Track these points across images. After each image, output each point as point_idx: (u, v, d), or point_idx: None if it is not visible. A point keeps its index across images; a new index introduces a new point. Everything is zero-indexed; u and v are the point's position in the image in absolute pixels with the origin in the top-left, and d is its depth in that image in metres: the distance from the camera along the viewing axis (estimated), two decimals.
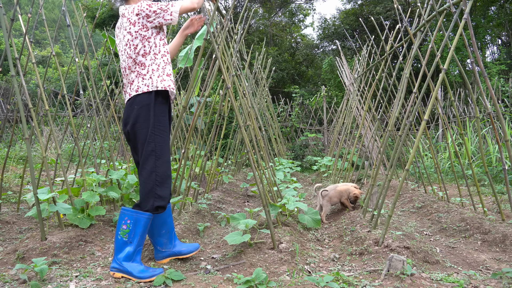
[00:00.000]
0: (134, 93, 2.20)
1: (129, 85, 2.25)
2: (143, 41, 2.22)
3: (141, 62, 2.22)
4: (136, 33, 2.22)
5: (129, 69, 2.24)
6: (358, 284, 2.02)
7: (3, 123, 3.98)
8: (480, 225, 3.02)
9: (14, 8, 3.10)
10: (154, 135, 2.17)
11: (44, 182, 5.58)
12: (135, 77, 2.22)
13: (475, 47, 2.66)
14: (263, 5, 18.38)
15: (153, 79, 2.20)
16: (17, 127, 10.76)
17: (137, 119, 2.17)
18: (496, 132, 3.04)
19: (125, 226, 2.14)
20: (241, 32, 4.53)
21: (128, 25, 2.23)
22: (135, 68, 2.22)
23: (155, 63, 2.23)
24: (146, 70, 2.21)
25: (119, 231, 2.15)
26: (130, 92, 2.22)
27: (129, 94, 2.23)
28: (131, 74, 2.24)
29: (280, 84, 16.44)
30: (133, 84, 2.22)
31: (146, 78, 2.20)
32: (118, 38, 2.34)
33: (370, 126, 6.82)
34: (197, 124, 6.66)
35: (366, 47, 6.62)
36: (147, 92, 2.19)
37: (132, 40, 2.22)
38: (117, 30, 2.35)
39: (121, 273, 2.12)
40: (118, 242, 2.15)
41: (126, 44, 2.24)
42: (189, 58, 5.62)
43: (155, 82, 2.20)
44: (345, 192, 3.83)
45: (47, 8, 43.54)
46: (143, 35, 2.22)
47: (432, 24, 9.53)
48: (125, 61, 2.27)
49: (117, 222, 2.18)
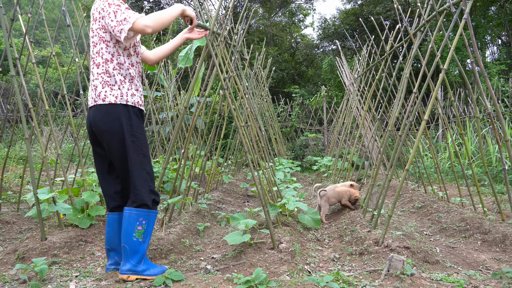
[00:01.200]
0: (100, 101, 2.04)
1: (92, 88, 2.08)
2: (100, 41, 2.04)
3: (105, 68, 2.04)
4: (96, 30, 2.05)
5: (92, 68, 2.09)
6: (358, 284, 2.02)
7: (3, 123, 3.98)
8: (480, 225, 3.02)
9: (14, 8, 3.10)
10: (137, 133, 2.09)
11: (44, 182, 5.58)
12: (98, 82, 2.04)
13: (475, 47, 2.66)
14: (263, 5, 18.38)
15: (123, 92, 2.05)
16: (17, 127, 10.76)
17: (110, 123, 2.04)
18: (496, 132, 3.04)
19: (140, 227, 2.05)
20: (241, 32, 4.53)
21: (93, 20, 2.05)
22: (94, 70, 2.07)
23: (120, 74, 2.06)
24: (113, 80, 2.04)
25: (133, 233, 2.03)
26: (95, 98, 2.06)
27: (94, 99, 2.07)
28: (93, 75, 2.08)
29: (280, 84, 16.45)
30: (97, 89, 2.05)
31: (115, 89, 2.04)
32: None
33: (370, 126, 6.82)
34: (197, 124, 6.66)
35: (366, 47, 6.62)
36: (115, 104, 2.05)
37: (93, 37, 2.07)
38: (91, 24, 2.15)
39: (136, 275, 2.06)
40: (133, 244, 2.04)
41: (92, 41, 2.09)
42: (189, 58, 5.62)
43: (124, 95, 2.05)
44: (345, 193, 3.83)
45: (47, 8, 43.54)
46: (101, 35, 2.03)
47: (432, 24, 9.53)
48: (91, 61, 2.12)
49: (126, 223, 2.05)
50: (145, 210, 2.07)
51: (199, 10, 3.35)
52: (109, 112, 2.03)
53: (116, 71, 2.05)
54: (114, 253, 2.21)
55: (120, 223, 2.16)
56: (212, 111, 8.50)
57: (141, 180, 2.08)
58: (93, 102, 2.07)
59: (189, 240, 2.86)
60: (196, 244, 2.90)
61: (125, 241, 2.05)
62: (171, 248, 2.59)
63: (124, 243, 2.06)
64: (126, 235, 2.04)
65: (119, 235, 2.15)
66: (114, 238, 2.18)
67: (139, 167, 2.08)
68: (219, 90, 5.08)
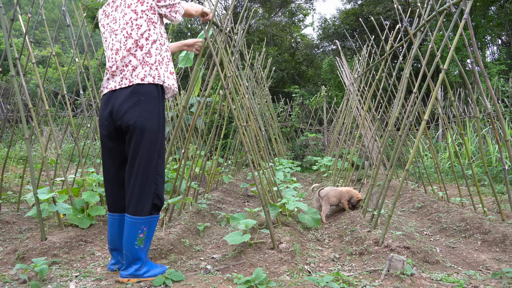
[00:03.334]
0: (139, 80, 1.97)
1: (126, 70, 1.99)
2: (148, 23, 2.02)
3: (147, 49, 2.00)
4: (143, 13, 2.01)
5: (128, 50, 1.99)
6: (358, 284, 2.02)
7: (3, 123, 3.99)
8: (480, 225, 3.02)
9: (14, 8, 3.10)
10: (159, 132, 2.02)
11: (44, 182, 5.58)
12: (138, 63, 1.98)
13: (475, 47, 2.66)
14: (263, 5, 18.37)
15: (160, 72, 2.03)
16: (17, 127, 10.76)
17: (146, 111, 1.96)
18: (496, 132, 3.04)
19: (142, 235, 2.02)
20: (241, 32, 4.53)
21: (135, 1, 2.03)
22: (137, 52, 1.99)
23: (160, 55, 2.05)
24: (153, 60, 2.01)
25: (135, 241, 2.00)
26: (131, 79, 1.97)
27: (129, 80, 1.98)
28: (129, 57, 1.99)
29: (280, 84, 16.45)
30: (136, 70, 1.98)
31: (153, 69, 2.00)
32: (110, 17, 2.11)
33: (370, 126, 6.82)
34: (197, 124, 6.66)
35: (366, 47, 6.62)
36: (154, 84, 2.01)
37: (136, 19, 2.01)
38: (109, 8, 2.13)
39: (137, 278, 2.05)
40: (135, 252, 2.02)
41: (127, 23, 2.01)
42: (189, 58, 5.62)
43: (162, 76, 2.03)
44: (347, 193, 3.83)
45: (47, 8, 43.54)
46: (150, 17, 2.03)
47: (432, 24, 9.53)
48: (120, 41, 2.02)
49: (128, 232, 2.01)
50: (147, 217, 2.03)
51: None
52: (146, 93, 1.97)
53: (158, 51, 2.04)
54: (117, 253, 2.19)
55: (122, 224, 2.12)
56: (212, 111, 8.50)
57: (149, 183, 2.01)
58: (128, 83, 1.97)
59: (189, 240, 2.86)
60: (196, 244, 2.90)
61: (127, 249, 2.03)
62: (171, 248, 2.59)
63: (126, 250, 2.03)
64: (128, 243, 2.01)
65: (121, 236, 2.12)
66: (116, 239, 2.15)
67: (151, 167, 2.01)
68: (219, 90, 5.08)
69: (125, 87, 2.00)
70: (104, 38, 2.14)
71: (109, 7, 2.13)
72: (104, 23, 2.15)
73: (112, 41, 2.07)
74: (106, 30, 2.11)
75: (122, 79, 2.01)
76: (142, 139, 1.97)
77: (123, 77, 2.01)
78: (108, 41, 2.10)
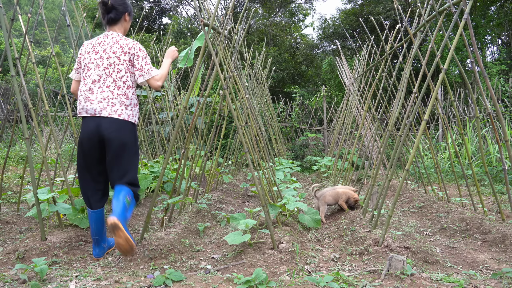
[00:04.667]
0: (116, 116, 2.44)
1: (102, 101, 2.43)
2: (127, 71, 2.49)
3: (124, 92, 2.48)
4: (125, 62, 2.49)
5: (107, 87, 2.45)
6: (358, 284, 2.02)
7: (3, 123, 3.99)
8: (480, 225, 3.02)
9: (14, 8, 3.10)
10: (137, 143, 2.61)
11: (44, 182, 5.58)
12: (117, 102, 2.45)
13: (475, 47, 2.66)
14: (263, 5, 18.37)
15: (134, 114, 2.55)
16: (17, 127, 10.76)
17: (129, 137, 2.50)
18: (496, 132, 3.04)
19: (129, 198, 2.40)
20: (241, 32, 4.53)
21: (119, 49, 2.48)
22: (116, 92, 2.45)
23: (134, 99, 2.55)
24: (129, 102, 2.50)
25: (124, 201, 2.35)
26: (110, 112, 2.44)
27: (109, 113, 2.44)
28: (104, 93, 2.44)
29: (280, 84, 16.45)
30: (115, 106, 2.44)
31: (129, 109, 2.50)
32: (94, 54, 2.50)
33: (370, 126, 6.82)
34: (197, 124, 6.66)
35: (366, 47, 6.62)
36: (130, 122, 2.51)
37: (118, 64, 2.47)
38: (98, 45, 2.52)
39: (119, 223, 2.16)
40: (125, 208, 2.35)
41: (110, 64, 2.47)
42: (189, 58, 5.62)
43: (135, 117, 2.56)
44: (344, 194, 3.83)
45: (47, 8, 43.55)
46: (128, 67, 2.51)
47: (432, 24, 9.53)
48: (100, 74, 2.46)
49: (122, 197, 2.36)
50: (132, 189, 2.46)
51: (199, 10, 3.35)
52: (123, 126, 2.46)
53: (133, 96, 2.54)
54: (100, 240, 2.56)
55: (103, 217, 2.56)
56: (212, 111, 8.50)
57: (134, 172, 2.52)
58: (107, 114, 2.43)
59: (189, 240, 2.86)
60: (196, 244, 2.90)
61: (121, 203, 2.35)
62: (171, 248, 2.59)
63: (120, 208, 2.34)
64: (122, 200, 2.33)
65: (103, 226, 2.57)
66: (101, 229, 2.55)
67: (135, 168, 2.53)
68: (219, 90, 5.08)
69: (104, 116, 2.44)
70: (87, 68, 2.51)
71: (100, 46, 2.52)
72: (91, 56, 2.51)
73: (91, 65, 2.49)
74: (92, 62, 2.50)
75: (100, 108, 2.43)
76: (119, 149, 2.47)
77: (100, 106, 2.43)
78: (90, 72, 2.49)
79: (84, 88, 2.47)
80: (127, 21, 2.64)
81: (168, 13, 19.10)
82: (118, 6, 2.55)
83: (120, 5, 2.56)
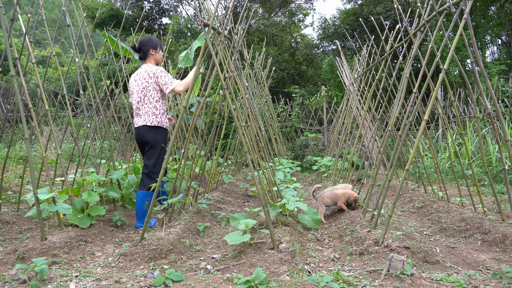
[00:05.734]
0: (149, 124, 3.32)
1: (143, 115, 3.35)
2: (154, 90, 3.32)
3: (154, 106, 3.33)
4: (152, 84, 3.31)
5: (145, 105, 3.34)
6: (358, 284, 2.02)
7: (3, 123, 3.99)
8: (480, 225, 3.02)
9: (14, 8, 3.10)
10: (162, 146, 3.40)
11: (44, 182, 5.58)
12: (151, 113, 3.32)
13: (475, 47, 2.66)
14: (263, 5, 18.37)
15: (162, 120, 3.39)
16: (17, 127, 10.76)
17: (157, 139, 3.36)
18: (496, 132, 3.04)
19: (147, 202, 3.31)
20: (241, 32, 4.53)
21: (147, 76, 3.31)
22: (149, 107, 3.32)
23: (162, 108, 3.37)
24: (158, 112, 3.34)
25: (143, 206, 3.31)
26: (145, 121, 3.34)
27: (145, 121, 3.34)
28: (144, 109, 3.34)
29: (280, 84, 16.44)
30: (149, 117, 3.33)
31: (158, 117, 3.35)
32: (135, 82, 3.39)
33: (370, 126, 6.82)
34: (197, 124, 6.66)
35: (366, 47, 6.62)
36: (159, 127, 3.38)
37: (147, 87, 3.32)
38: (136, 76, 3.39)
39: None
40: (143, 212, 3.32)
41: (144, 88, 3.32)
42: (189, 58, 5.62)
43: (164, 122, 3.40)
44: (343, 196, 3.82)
45: (47, 8, 43.54)
46: (155, 87, 3.33)
47: (432, 24, 9.53)
48: (139, 96, 3.35)
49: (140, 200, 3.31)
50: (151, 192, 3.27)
51: (199, 10, 3.35)
52: (154, 131, 3.34)
53: (161, 107, 3.36)
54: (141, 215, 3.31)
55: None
56: (212, 111, 8.50)
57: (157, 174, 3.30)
58: (144, 123, 3.33)
59: (189, 240, 2.86)
60: (196, 244, 2.90)
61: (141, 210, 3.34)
62: (171, 248, 2.59)
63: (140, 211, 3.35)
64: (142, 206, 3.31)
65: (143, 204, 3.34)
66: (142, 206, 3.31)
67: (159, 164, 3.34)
68: (219, 90, 5.08)
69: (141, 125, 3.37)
70: (131, 92, 3.45)
71: (137, 76, 3.39)
72: (133, 84, 3.42)
73: (134, 95, 3.38)
74: (133, 89, 3.40)
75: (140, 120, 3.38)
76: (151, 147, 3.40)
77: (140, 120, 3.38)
78: (134, 95, 3.40)
79: (133, 107, 3.40)
80: (154, 54, 3.40)
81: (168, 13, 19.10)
82: (143, 47, 3.37)
83: (145, 45, 3.36)
